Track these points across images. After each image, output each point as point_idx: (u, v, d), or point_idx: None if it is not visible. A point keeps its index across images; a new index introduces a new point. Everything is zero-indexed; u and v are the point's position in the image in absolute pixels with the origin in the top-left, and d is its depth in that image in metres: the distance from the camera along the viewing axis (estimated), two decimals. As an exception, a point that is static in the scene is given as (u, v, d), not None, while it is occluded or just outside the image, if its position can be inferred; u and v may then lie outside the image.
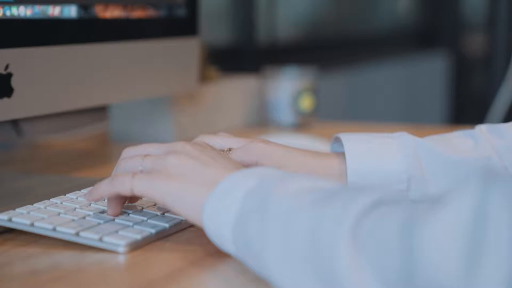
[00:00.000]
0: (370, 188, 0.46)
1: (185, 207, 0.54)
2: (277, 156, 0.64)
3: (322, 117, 1.38)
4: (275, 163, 0.64)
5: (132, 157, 0.59)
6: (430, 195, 0.63)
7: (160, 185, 0.55)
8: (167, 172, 0.55)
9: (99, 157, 1.01)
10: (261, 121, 1.26)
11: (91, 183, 0.70)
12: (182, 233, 0.61)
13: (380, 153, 0.65)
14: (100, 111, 1.13)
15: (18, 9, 0.71)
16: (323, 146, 0.97)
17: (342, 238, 0.43)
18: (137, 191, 0.56)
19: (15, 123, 0.98)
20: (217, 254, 0.55)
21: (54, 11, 0.75)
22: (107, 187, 0.58)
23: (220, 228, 0.52)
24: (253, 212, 0.50)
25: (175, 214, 0.57)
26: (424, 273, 0.40)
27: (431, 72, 2.63)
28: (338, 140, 0.68)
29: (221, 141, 0.66)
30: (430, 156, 0.65)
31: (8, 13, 0.70)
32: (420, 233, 0.40)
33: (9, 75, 0.70)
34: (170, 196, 0.55)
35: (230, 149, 0.65)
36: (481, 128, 0.67)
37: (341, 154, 0.66)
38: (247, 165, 0.64)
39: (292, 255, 0.46)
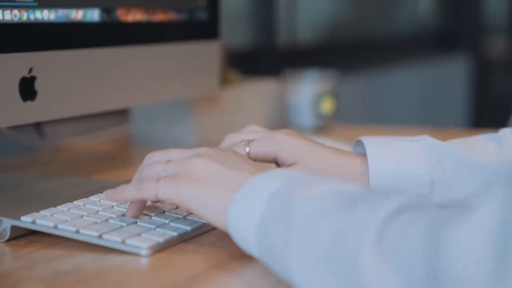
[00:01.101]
0: (395, 193, 0.46)
1: (209, 210, 0.54)
2: (297, 149, 0.64)
3: (342, 120, 1.37)
4: (294, 155, 0.64)
5: (155, 163, 0.59)
6: (455, 200, 0.63)
7: (184, 189, 0.55)
8: (191, 176, 0.56)
9: (120, 159, 1.01)
10: (281, 124, 1.26)
11: (112, 185, 0.70)
12: (204, 236, 0.61)
13: (403, 156, 0.65)
14: (121, 114, 1.14)
15: (42, 13, 0.71)
16: (343, 148, 0.97)
17: (367, 243, 0.43)
18: (162, 196, 0.56)
19: (38, 126, 0.99)
20: (240, 257, 0.55)
21: (77, 14, 0.76)
22: (132, 192, 0.58)
23: (244, 231, 0.52)
24: (277, 214, 0.50)
25: (199, 218, 0.57)
26: (450, 279, 0.39)
27: (451, 75, 2.62)
28: (359, 144, 0.68)
29: (248, 133, 0.66)
30: (453, 159, 0.64)
31: (32, 17, 0.70)
32: (446, 239, 0.40)
33: (33, 78, 0.71)
34: (194, 200, 0.55)
35: (252, 139, 0.65)
36: (505, 132, 0.66)
37: (363, 155, 0.66)
38: (266, 156, 0.64)
39: (316, 258, 0.46)
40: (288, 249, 0.48)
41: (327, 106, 1.26)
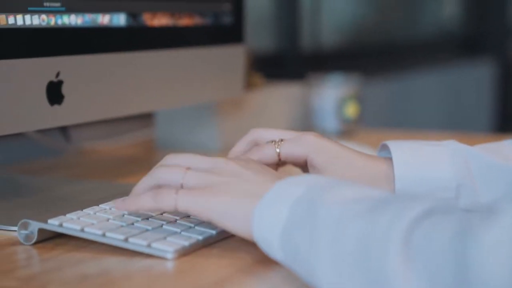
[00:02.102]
0: (422, 197, 0.45)
1: (232, 220, 0.54)
2: (326, 151, 0.64)
3: (366, 124, 1.37)
4: (323, 158, 0.64)
5: (174, 166, 0.59)
6: (482, 204, 0.62)
7: (204, 202, 0.55)
8: (211, 188, 0.56)
9: (144, 163, 1.02)
10: (305, 128, 1.26)
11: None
12: (229, 240, 0.61)
13: (429, 161, 0.64)
14: (145, 118, 1.15)
15: (69, 18, 0.72)
16: (368, 152, 0.97)
17: (393, 246, 0.43)
18: (181, 208, 0.56)
19: (63, 130, 1.00)
20: (265, 261, 0.55)
21: (103, 19, 0.76)
22: (149, 203, 0.57)
23: (268, 236, 0.52)
24: (302, 219, 0.50)
25: (222, 227, 0.57)
26: (478, 283, 0.39)
27: (477, 79, 2.60)
28: (385, 148, 0.68)
29: (274, 132, 0.66)
30: (480, 164, 0.64)
31: (59, 22, 0.71)
32: (474, 243, 0.40)
33: (60, 82, 0.72)
34: (215, 212, 0.55)
35: (281, 140, 0.65)
36: (533, 137, 0.66)
37: (389, 159, 0.66)
38: (296, 157, 0.64)
39: (341, 262, 0.46)
40: (313, 253, 0.48)
41: (351, 110, 1.25)
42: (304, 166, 0.67)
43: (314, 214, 0.49)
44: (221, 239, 0.61)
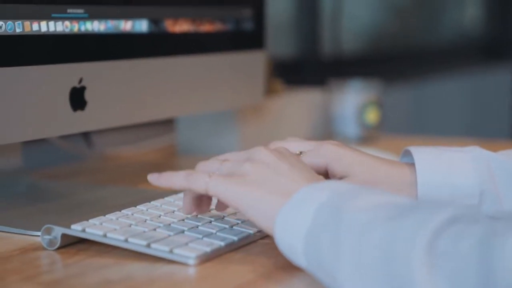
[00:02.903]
0: (446, 204, 0.45)
1: (258, 214, 0.55)
2: (346, 160, 0.64)
3: (387, 130, 1.36)
4: (344, 165, 0.64)
5: (210, 160, 0.60)
6: (505, 211, 0.62)
7: (235, 189, 0.56)
8: (244, 178, 0.56)
9: (166, 169, 1.01)
10: (326, 134, 1.26)
11: (159, 195, 0.71)
12: (251, 246, 0.61)
13: (452, 167, 0.64)
14: (167, 124, 1.15)
15: (92, 24, 0.73)
16: (389, 158, 0.96)
17: (417, 254, 0.43)
18: (212, 192, 0.56)
19: (85, 135, 1.00)
20: (287, 267, 0.55)
21: (126, 25, 0.77)
22: (181, 181, 0.58)
23: (291, 240, 0.52)
24: (326, 225, 0.49)
25: (247, 219, 0.57)
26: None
27: (499, 85, 2.58)
28: (407, 154, 0.68)
29: (292, 144, 0.66)
30: (503, 170, 0.63)
31: (83, 28, 0.72)
32: (499, 250, 0.39)
33: (83, 88, 0.72)
34: (244, 202, 0.55)
35: (301, 152, 0.65)
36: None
37: (412, 165, 0.65)
38: (317, 168, 0.64)
39: (365, 269, 0.46)
40: (337, 260, 0.48)
41: (372, 116, 1.25)
42: (326, 176, 0.67)
43: (338, 220, 0.49)
44: (243, 245, 0.61)
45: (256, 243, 0.62)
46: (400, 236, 0.44)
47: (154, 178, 0.60)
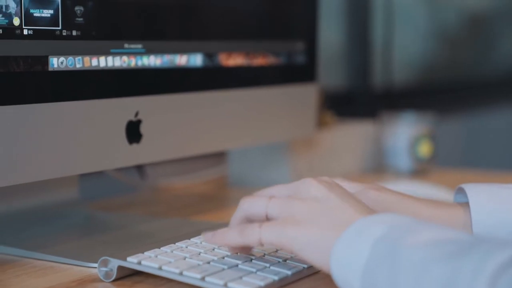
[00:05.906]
0: (508, 242, 0.44)
1: (312, 253, 0.54)
2: (388, 204, 0.63)
3: (440, 163, 1.34)
4: (386, 210, 0.63)
5: (258, 196, 0.59)
6: None
7: (287, 232, 0.55)
8: (294, 218, 0.56)
9: (218, 201, 1.03)
10: (377, 167, 1.25)
11: (212, 227, 0.71)
12: (305, 280, 0.61)
13: (508, 205, 0.63)
14: (218, 156, 1.16)
15: (148, 59, 0.74)
16: (443, 193, 0.95)
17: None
18: (266, 242, 0.56)
19: (139, 167, 1.02)
20: (341, 304, 0.54)
21: (181, 60, 0.78)
22: (235, 238, 0.58)
23: (348, 277, 0.51)
24: (383, 261, 0.49)
25: (302, 261, 0.57)
26: None
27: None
28: (461, 191, 0.67)
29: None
30: None
31: (139, 63, 0.73)
32: None
33: (139, 121, 0.74)
34: (298, 243, 0.55)
35: None
36: None
37: (465, 205, 0.64)
38: None
39: (424, 308, 0.45)
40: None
41: (424, 149, 1.24)
42: None
43: (395, 256, 0.48)
44: (297, 280, 0.61)
45: (310, 277, 0.61)
46: (461, 275, 0.44)
47: (208, 237, 0.60)
